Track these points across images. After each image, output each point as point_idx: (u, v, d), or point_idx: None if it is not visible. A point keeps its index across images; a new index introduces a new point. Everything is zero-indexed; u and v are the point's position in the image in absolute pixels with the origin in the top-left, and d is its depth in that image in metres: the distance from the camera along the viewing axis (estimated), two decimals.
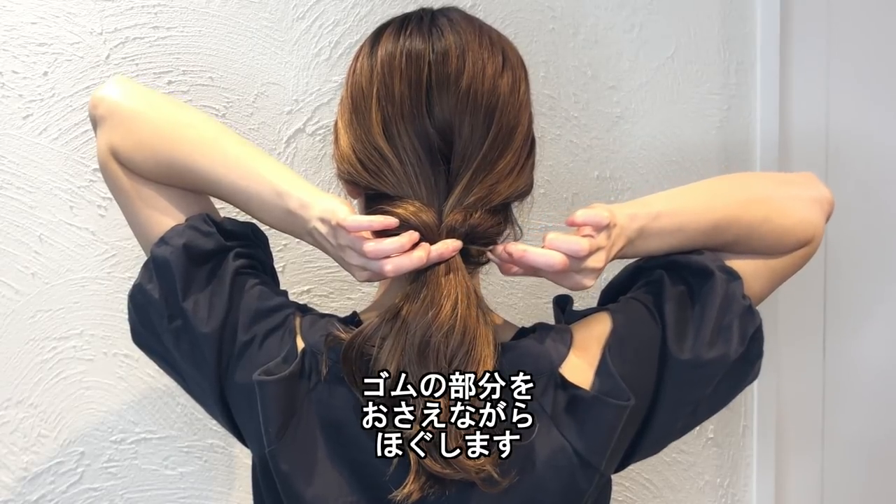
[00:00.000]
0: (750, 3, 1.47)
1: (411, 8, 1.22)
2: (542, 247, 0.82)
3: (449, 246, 0.82)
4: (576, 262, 0.82)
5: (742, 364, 0.90)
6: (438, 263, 0.82)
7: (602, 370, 0.85)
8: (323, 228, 0.82)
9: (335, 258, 0.85)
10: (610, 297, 0.96)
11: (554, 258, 0.81)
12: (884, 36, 1.57)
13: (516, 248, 0.82)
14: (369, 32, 0.92)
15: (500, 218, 0.87)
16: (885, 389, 1.60)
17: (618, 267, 0.96)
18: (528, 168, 0.88)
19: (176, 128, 0.89)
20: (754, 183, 0.98)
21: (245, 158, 0.88)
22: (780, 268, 0.95)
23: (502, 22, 1.35)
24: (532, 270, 0.83)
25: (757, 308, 0.92)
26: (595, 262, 0.82)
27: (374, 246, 0.80)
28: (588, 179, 1.40)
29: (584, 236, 0.82)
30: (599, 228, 0.83)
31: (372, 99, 0.85)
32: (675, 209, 0.90)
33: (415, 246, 0.81)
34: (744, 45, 1.47)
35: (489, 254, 0.84)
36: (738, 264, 0.92)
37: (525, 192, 0.89)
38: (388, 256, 0.80)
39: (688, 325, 0.88)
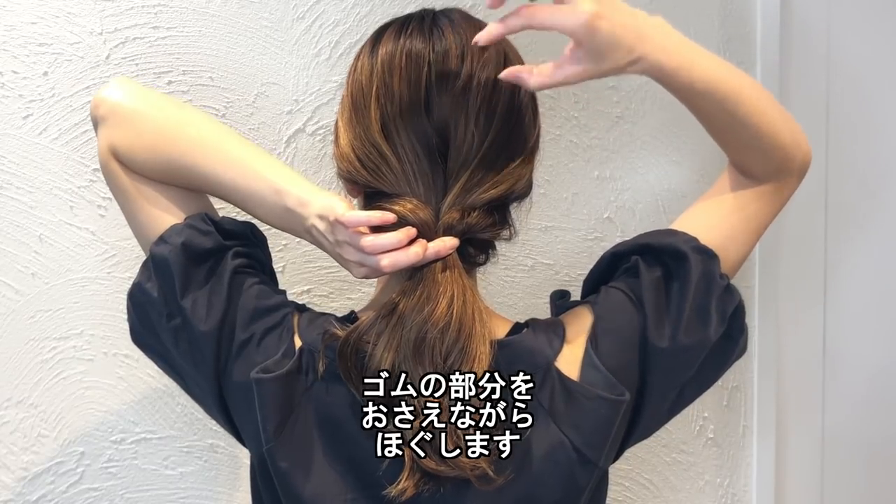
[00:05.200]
0: (750, 3, 1.46)
1: (411, 8, 1.23)
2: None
3: (446, 243, 0.82)
4: None
5: (725, 342, 0.90)
6: (435, 261, 0.82)
7: (588, 364, 0.85)
8: (321, 225, 0.83)
9: (333, 255, 0.85)
10: (590, 288, 0.95)
11: None
12: (883, 37, 1.57)
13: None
14: (369, 32, 0.92)
15: (498, 217, 0.87)
16: (885, 389, 1.60)
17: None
18: (527, 169, 0.88)
19: (176, 127, 0.89)
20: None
21: (245, 157, 0.88)
22: (755, 217, 0.93)
23: None
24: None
25: (736, 285, 0.91)
26: None
27: (371, 241, 0.80)
28: (588, 179, 1.40)
29: None
30: None
31: (371, 98, 0.85)
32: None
33: (412, 242, 0.81)
34: (744, 45, 1.47)
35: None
36: (713, 234, 0.90)
37: (524, 193, 0.89)
38: (384, 252, 0.80)
39: (666, 311, 0.87)
